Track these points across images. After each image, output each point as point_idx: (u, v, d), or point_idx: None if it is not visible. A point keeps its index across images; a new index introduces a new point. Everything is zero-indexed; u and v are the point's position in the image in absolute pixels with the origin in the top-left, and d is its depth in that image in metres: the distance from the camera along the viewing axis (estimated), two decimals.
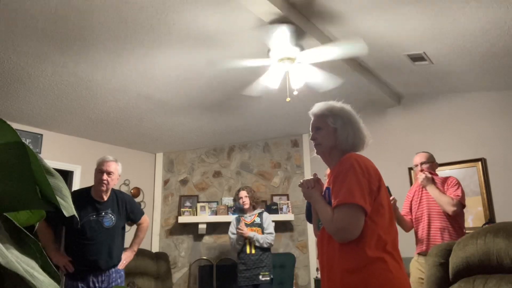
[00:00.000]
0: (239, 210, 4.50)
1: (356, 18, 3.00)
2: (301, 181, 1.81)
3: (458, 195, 3.11)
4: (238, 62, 3.05)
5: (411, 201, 3.37)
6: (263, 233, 4.23)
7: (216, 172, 5.91)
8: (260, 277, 4.05)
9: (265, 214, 4.37)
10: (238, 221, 4.33)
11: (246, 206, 4.33)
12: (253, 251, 4.15)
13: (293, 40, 2.92)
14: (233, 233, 4.28)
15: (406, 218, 3.36)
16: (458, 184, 3.20)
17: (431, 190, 3.19)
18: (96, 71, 3.47)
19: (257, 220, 4.30)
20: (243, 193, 4.37)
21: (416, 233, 3.28)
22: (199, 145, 5.85)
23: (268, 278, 4.08)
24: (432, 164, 3.31)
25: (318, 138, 1.77)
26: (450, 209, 3.08)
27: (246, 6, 2.68)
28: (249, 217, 4.33)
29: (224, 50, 3.26)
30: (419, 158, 3.34)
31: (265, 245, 4.15)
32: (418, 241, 3.25)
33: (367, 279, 1.49)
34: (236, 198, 4.46)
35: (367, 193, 1.55)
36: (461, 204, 3.11)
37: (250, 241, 4.16)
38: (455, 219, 3.15)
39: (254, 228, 4.23)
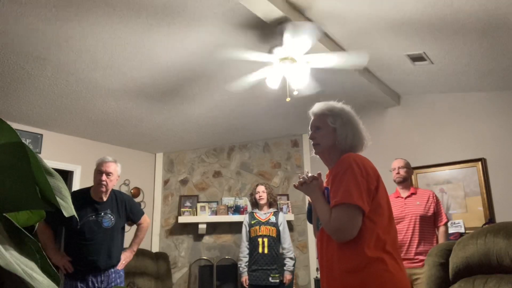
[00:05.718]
0: (253, 205, 4.34)
1: (356, 19, 2.99)
2: (299, 176, 1.81)
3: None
4: (240, 54, 3.02)
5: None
6: (277, 232, 4.12)
7: (216, 172, 5.91)
8: (270, 278, 3.97)
9: (281, 215, 4.22)
10: (251, 217, 4.22)
11: (263, 201, 4.18)
12: (266, 251, 4.04)
13: (296, 41, 2.91)
14: (245, 227, 4.21)
15: None
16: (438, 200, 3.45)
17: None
18: (96, 70, 3.47)
19: (272, 219, 4.15)
20: (261, 188, 4.23)
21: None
22: (199, 145, 5.84)
23: (278, 281, 4.00)
24: (408, 169, 3.49)
25: (317, 138, 1.77)
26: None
27: (247, 6, 2.68)
28: (264, 215, 4.17)
29: (222, 43, 3.25)
30: (397, 163, 3.50)
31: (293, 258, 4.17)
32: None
33: (367, 280, 1.49)
34: (253, 192, 4.30)
35: (365, 193, 1.55)
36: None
37: (262, 240, 4.06)
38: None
39: (268, 227, 4.11)
